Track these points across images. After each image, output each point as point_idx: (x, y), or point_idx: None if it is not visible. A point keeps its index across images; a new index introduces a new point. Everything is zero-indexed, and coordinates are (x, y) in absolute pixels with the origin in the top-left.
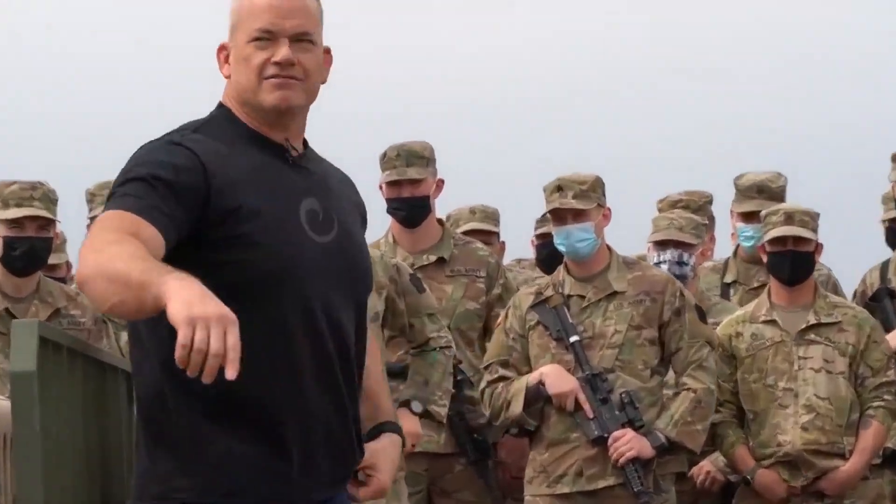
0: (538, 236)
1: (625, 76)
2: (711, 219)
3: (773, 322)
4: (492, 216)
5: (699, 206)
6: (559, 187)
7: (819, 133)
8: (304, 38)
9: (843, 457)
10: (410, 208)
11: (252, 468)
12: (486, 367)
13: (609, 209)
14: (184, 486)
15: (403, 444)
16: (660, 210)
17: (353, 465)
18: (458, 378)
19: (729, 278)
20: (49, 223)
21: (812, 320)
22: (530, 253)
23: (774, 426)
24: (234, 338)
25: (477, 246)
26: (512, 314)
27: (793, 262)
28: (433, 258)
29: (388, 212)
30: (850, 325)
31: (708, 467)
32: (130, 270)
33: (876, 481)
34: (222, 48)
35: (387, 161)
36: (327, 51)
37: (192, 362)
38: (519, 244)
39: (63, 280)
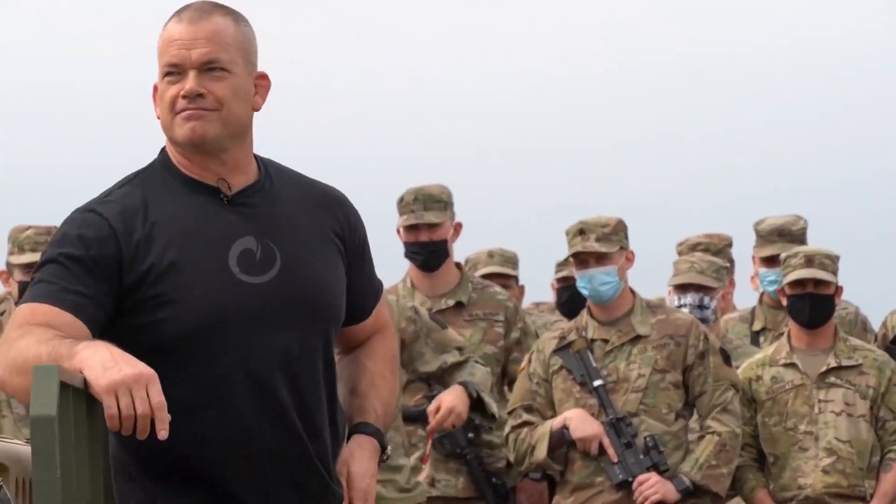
0: (559, 280)
1: (645, 120)
2: (731, 262)
3: (793, 365)
4: (510, 260)
5: (719, 249)
6: (582, 230)
7: (839, 176)
8: (213, 67)
9: (864, 500)
10: (428, 252)
11: None
12: (511, 412)
13: (632, 252)
14: None
15: (384, 449)
16: (679, 253)
17: (326, 498)
18: (476, 423)
19: (757, 326)
20: None
21: (832, 363)
22: (550, 296)
23: (795, 469)
24: (157, 396)
25: (495, 290)
26: (535, 358)
27: (812, 304)
28: (451, 302)
29: (406, 256)
30: (871, 368)
31: None
32: (39, 356)
33: None
34: (155, 88)
35: (404, 205)
36: (262, 76)
37: (125, 427)
38: (538, 288)
39: None
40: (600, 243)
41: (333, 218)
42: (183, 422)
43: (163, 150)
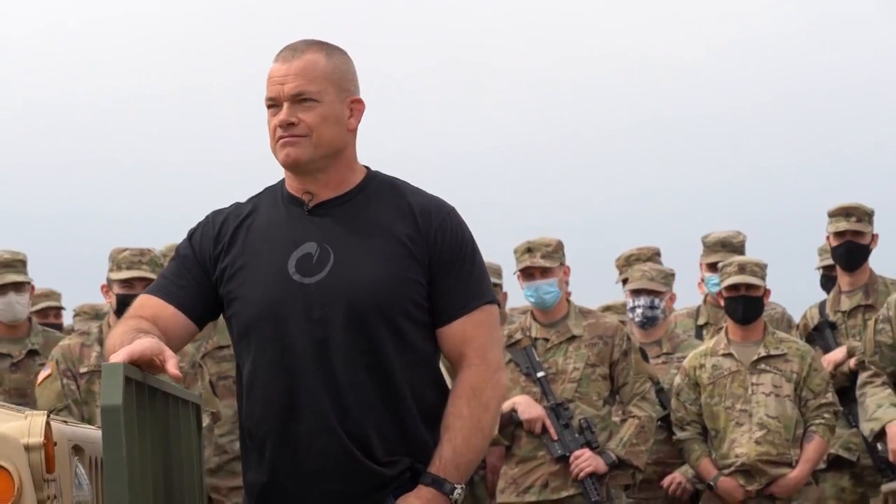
0: None
1: (596, 148)
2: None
3: (730, 355)
4: (496, 271)
5: (648, 257)
6: (529, 249)
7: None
8: (303, 98)
9: (790, 465)
10: None
11: (256, 495)
12: None
13: (568, 267)
14: None
15: (449, 493)
16: (618, 266)
17: (369, 479)
18: None
19: (701, 321)
20: None
21: (762, 353)
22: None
23: (732, 441)
24: (138, 346)
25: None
26: None
27: (745, 305)
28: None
29: None
30: (795, 356)
31: (678, 478)
32: (113, 346)
33: (818, 486)
34: None
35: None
36: (357, 100)
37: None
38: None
39: None
40: (545, 259)
41: (414, 227)
42: (247, 401)
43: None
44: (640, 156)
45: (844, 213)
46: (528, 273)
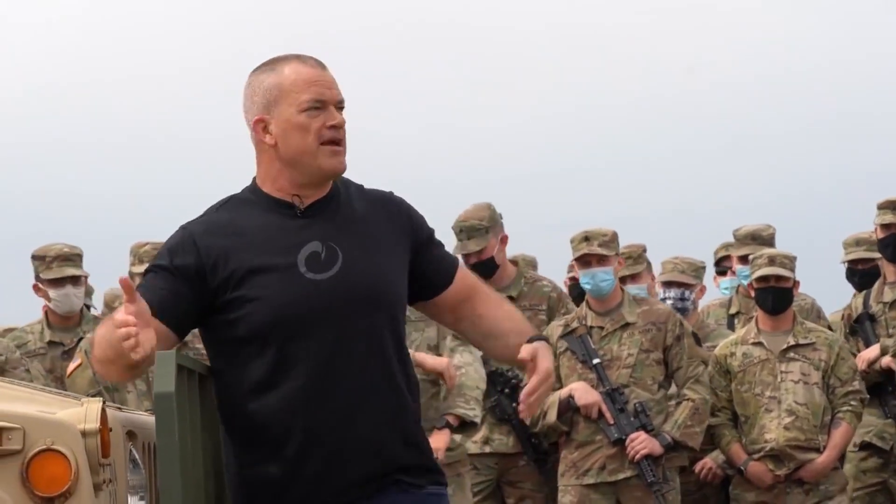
0: (570, 278)
1: (633, 150)
2: (649, 265)
3: (760, 344)
4: (530, 263)
5: (637, 255)
6: (587, 237)
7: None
8: (342, 107)
9: (818, 451)
10: (479, 271)
11: (274, 486)
12: None
13: (622, 258)
14: None
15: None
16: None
17: (388, 467)
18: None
19: (733, 310)
20: None
21: (791, 342)
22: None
23: (762, 427)
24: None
25: (543, 283)
26: None
27: (774, 296)
28: (504, 296)
29: None
30: (823, 345)
31: (709, 464)
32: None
33: (843, 470)
34: (260, 121)
35: (456, 234)
36: None
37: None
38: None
39: None
40: (602, 248)
41: (396, 218)
42: (260, 398)
43: (254, 179)
44: (662, 145)
45: (892, 205)
46: (584, 261)
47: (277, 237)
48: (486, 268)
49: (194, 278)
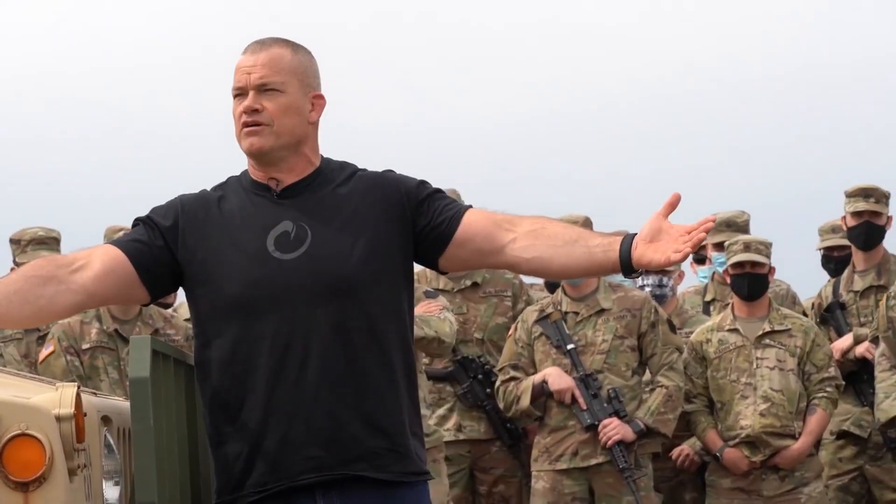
0: None
1: (612, 133)
2: None
3: (735, 330)
4: None
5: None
6: None
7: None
8: (267, 88)
9: (793, 437)
10: None
11: (239, 464)
12: (500, 370)
13: None
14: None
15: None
16: None
17: (348, 450)
18: (493, 380)
19: (708, 297)
20: None
21: (767, 328)
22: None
23: (738, 413)
24: None
25: (503, 271)
26: (521, 327)
27: (750, 282)
28: (469, 283)
29: None
30: (798, 331)
31: (686, 450)
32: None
33: (818, 456)
34: None
35: None
36: (318, 96)
37: None
38: None
39: (168, 305)
40: None
41: (388, 195)
42: (224, 378)
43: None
44: (642, 134)
45: (863, 193)
46: None
47: (252, 217)
48: None
49: (173, 239)
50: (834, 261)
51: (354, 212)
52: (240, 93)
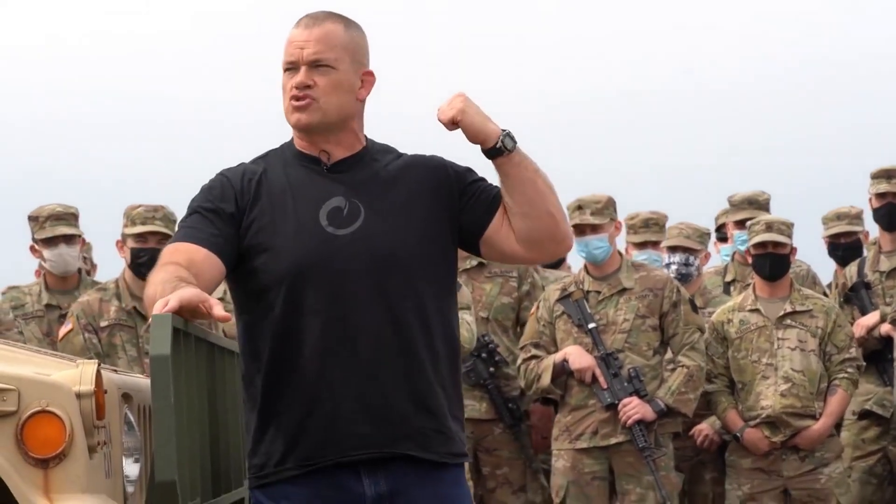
0: None
1: (630, 117)
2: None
3: (757, 310)
4: None
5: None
6: (579, 206)
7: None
8: (320, 64)
9: (814, 417)
10: None
11: (287, 436)
12: (522, 348)
13: (620, 222)
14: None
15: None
16: (629, 227)
17: (396, 428)
18: (496, 359)
19: (729, 278)
20: (167, 238)
21: (788, 309)
22: None
23: (758, 394)
24: (186, 293)
25: None
26: (542, 306)
27: (772, 262)
28: (475, 262)
29: None
30: (820, 312)
31: (707, 431)
32: (154, 294)
33: (838, 437)
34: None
35: None
36: (368, 73)
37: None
38: None
39: None
40: (594, 216)
41: (434, 175)
42: (274, 352)
43: (292, 136)
44: (658, 124)
45: (886, 175)
46: (579, 229)
47: (303, 190)
48: None
49: (233, 221)
50: (841, 248)
51: (405, 191)
52: (291, 67)
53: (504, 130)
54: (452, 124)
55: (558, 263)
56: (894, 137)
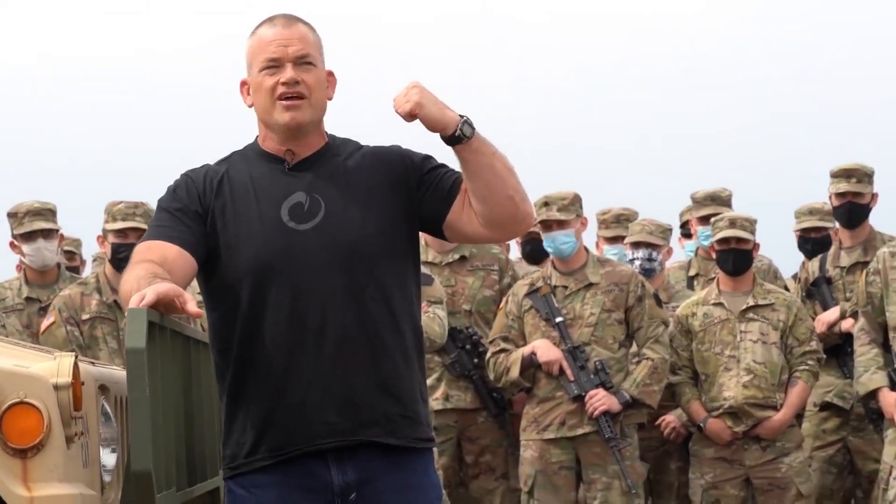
0: (522, 235)
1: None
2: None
3: (720, 304)
4: None
5: (631, 216)
6: (546, 203)
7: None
8: (304, 61)
9: (775, 408)
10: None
11: (257, 426)
12: (492, 342)
13: (586, 218)
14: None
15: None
16: (601, 222)
17: (363, 416)
18: (480, 350)
19: (692, 272)
20: None
21: (751, 302)
22: (515, 250)
23: (721, 385)
24: (163, 287)
25: (490, 245)
26: (511, 300)
27: (735, 257)
28: (457, 256)
29: None
30: (781, 306)
31: (674, 423)
32: (130, 291)
33: (799, 428)
34: (244, 83)
35: None
36: (331, 73)
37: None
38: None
39: None
40: (561, 213)
41: (393, 166)
42: (242, 346)
43: (256, 137)
44: (624, 113)
45: (845, 174)
46: (546, 225)
47: (266, 188)
48: None
49: (197, 217)
50: (811, 242)
51: (365, 184)
52: (273, 65)
53: (462, 117)
54: (410, 117)
55: (541, 259)
56: (855, 137)
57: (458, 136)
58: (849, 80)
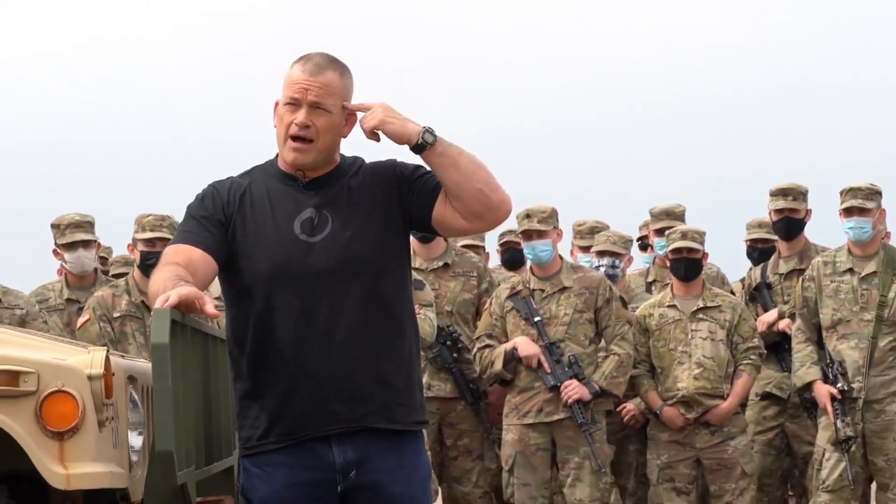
0: (501, 245)
1: (573, 135)
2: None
3: (674, 306)
4: (479, 236)
5: (603, 228)
6: (528, 214)
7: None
8: (318, 107)
9: (722, 398)
10: (421, 234)
11: (269, 415)
12: (477, 339)
13: (561, 230)
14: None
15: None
16: (577, 233)
17: (365, 405)
18: (459, 346)
19: (650, 278)
20: None
21: (701, 305)
22: (495, 257)
23: (675, 377)
24: (185, 290)
25: (471, 254)
26: (495, 302)
27: (686, 265)
28: (441, 263)
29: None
30: (727, 307)
31: (633, 410)
32: (156, 292)
33: (743, 415)
34: (276, 104)
35: None
36: (352, 114)
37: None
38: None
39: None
40: (540, 224)
41: (386, 178)
42: (258, 344)
43: (276, 154)
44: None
45: (783, 193)
46: (527, 234)
47: (281, 203)
48: (429, 235)
49: (220, 225)
50: (758, 251)
51: (366, 199)
52: (293, 102)
53: (424, 127)
54: (373, 135)
55: (517, 266)
56: (791, 159)
57: (422, 144)
58: (785, 110)
